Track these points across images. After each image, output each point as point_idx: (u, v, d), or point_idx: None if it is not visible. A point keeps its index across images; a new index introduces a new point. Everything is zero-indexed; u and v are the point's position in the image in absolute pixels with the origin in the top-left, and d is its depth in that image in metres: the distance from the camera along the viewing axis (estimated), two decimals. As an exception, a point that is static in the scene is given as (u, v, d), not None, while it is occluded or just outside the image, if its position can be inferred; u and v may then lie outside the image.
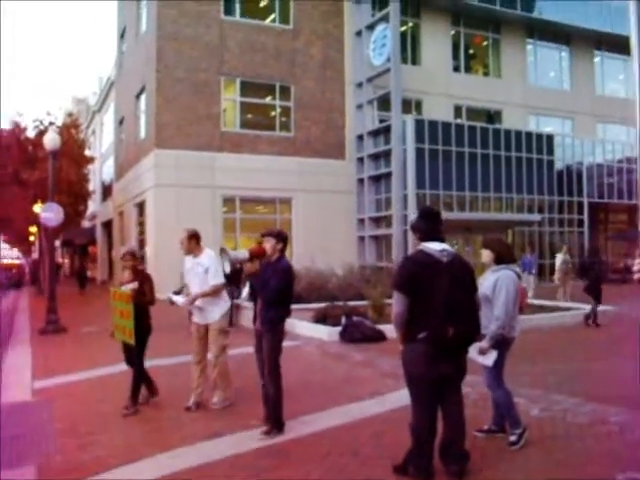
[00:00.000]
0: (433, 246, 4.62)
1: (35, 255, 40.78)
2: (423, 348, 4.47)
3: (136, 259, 7.34)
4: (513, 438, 5.34)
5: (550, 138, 28.04)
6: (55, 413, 6.84)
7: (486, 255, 5.67)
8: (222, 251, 6.25)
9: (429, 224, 4.73)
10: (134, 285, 6.98)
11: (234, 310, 13.14)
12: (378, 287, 14.36)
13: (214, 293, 6.91)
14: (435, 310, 4.46)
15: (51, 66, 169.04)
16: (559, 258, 19.43)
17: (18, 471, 5.07)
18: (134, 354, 6.95)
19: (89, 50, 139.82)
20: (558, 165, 28.22)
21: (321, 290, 16.56)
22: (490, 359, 5.29)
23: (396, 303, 4.60)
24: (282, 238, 6.11)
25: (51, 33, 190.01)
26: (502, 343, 5.35)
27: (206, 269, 6.88)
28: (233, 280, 12.79)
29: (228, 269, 6.26)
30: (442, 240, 4.68)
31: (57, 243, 42.96)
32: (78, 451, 5.52)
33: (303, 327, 12.93)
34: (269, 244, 6.04)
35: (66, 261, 60.10)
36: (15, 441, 5.83)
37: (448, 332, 4.44)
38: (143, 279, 7.10)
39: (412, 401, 4.72)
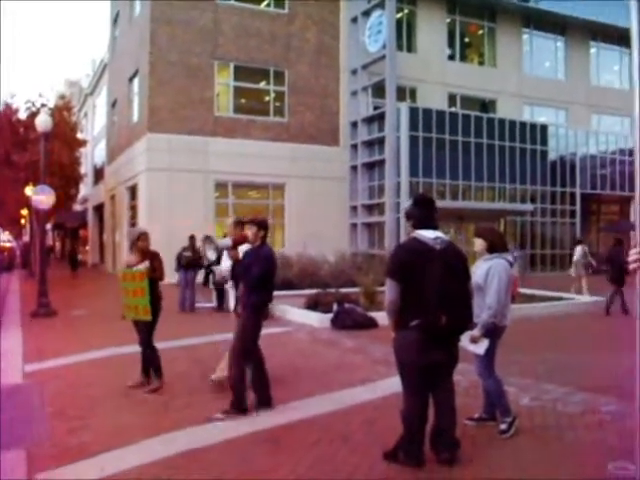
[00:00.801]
0: (427, 234, 4.60)
1: (26, 238, 40.59)
2: (415, 336, 4.46)
3: (149, 240, 7.47)
4: (503, 427, 5.36)
5: (544, 128, 28.07)
6: (46, 396, 6.82)
7: (479, 244, 5.66)
8: (207, 239, 6.30)
9: (423, 211, 4.72)
10: (146, 264, 7.13)
11: (225, 295, 13.17)
12: (370, 274, 14.37)
13: None
14: (428, 298, 4.44)
15: (44, 48, 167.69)
16: (578, 251, 18.35)
17: (9, 454, 5.05)
18: (145, 332, 7.20)
19: (82, 32, 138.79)
20: (551, 155, 28.24)
21: (313, 277, 16.56)
22: (481, 347, 5.29)
23: (389, 290, 4.59)
24: (264, 226, 6.31)
25: (44, 15, 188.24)
26: (494, 332, 5.36)
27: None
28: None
29: (213, 257, 6.33)
30: (436, 228, 4.66)
31: (48, 226, 42.82)
32: (68, 435, 5.50)
33: (294, 313, 12.95)
34: (251, 231, 6.24)
35: (57, 244, 59.89)
36: (6, 424, 5.81)
37: (440, 320, 4.43)
38: (152, 257, 7.26)
39: (403, 388, 4.72)
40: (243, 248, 6.88)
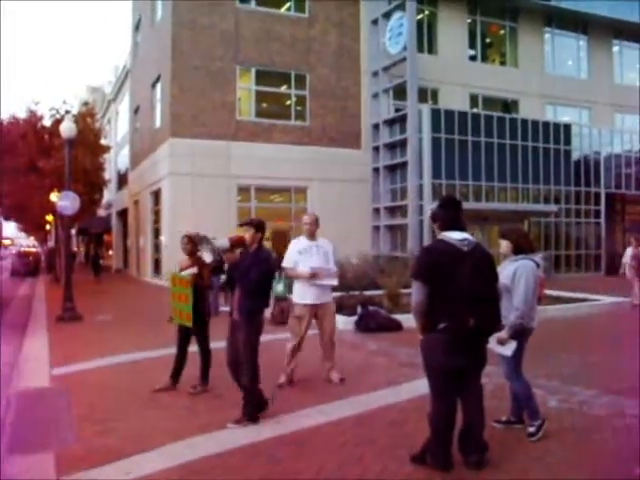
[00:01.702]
0: (454, 235, 4.56)
1: (51, 243, 40.99)
2: (443, 338, 4.43)
3: (194, 243, 7.38)
4: (532, 429, 5.31)
5: (567, 128, 27.73)
6: (72, 400, 6.87)
7: (505, 245, 5.61)
8: (204, 240, 6.23)
9: (450, 213, 4.69)
10: (194, 270, 7.22)
11: None
12: (393, 277, 14.32)
13: (335, 274, 7.50)
14: (455, 300, 4.41)
15: (67, 55, 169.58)
16: (628, 253, 16.53)
17: (37, 457, 5.10)
18: (188, 339, 7.42)
19: (104, 38, 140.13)
20: (575, 155, 27.91)
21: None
22: (509, 349, 5.24)
23: (415, 292, 4.56)
24: (261, 228, 6.15)
25: (67, 22, 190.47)
26: (521, 333, 5.31)
27: (326, 252, 7.45)
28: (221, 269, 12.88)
29: (210, 258, 6.25)
30: (463, 229, 4.63)
31: (73, 231, 43.22)
32: (95, 438, 5.53)
33: (318, 316, 12.91)
34: (248, 234, 6.07)
35: (81, 249, 60.42)
36: (34, 427, 5.87)
37: (468, 322, 4.40)
38: (201, 265, 7.28)
39: (431, 391, 4.70)
40: (300, 243, 7.36)
